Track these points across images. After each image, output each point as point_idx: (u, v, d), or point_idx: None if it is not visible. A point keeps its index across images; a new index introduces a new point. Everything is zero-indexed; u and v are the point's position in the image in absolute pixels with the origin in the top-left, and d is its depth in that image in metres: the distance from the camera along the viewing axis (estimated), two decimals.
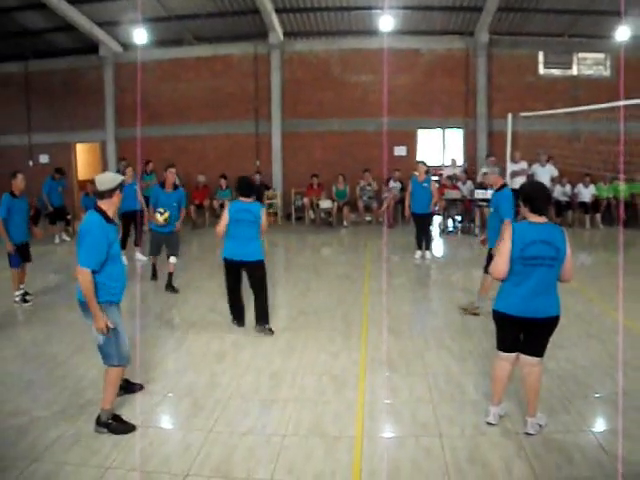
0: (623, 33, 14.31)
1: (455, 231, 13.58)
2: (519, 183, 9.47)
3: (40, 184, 12.78)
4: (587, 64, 15.77)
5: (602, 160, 10.39)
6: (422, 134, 16.36)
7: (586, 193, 13.92)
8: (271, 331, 6.38)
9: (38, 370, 5.44)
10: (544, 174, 12.79)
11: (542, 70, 15.84)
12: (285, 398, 4.78)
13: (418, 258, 10.29)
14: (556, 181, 13.57)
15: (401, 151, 16.04)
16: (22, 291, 7.75)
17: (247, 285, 6.45)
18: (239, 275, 6.43)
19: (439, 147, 16.53)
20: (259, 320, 6.40)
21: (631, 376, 4.99)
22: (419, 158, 14.78)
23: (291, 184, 15.78)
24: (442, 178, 14.41)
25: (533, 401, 4.09)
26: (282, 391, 4.94)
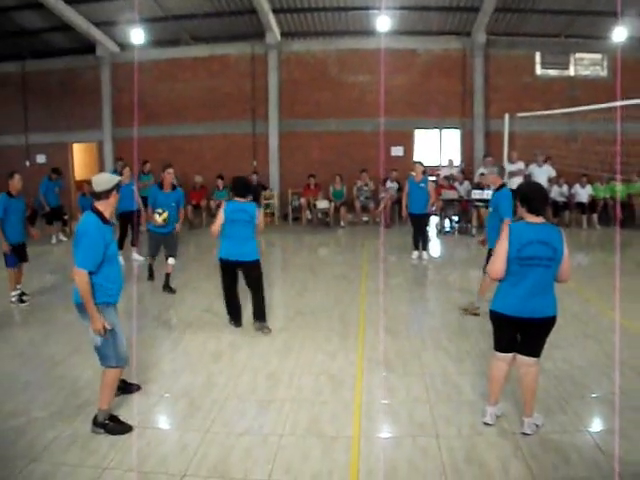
0: (620, 34, 14.34)
1: (452, 231, 13.58)
2: (516, 183, 9.52)
3: (37, 184, 12.75)
4: (584, 64, 15.80)
5: (599, 160, 10.42)
6: (419, 134, 16.36)
7: (583, 193, 13.94)
8: (268, 329, 6.41)
9: (35, 371, 5.44)
10: (541, 174, 12.84)
11: (539, 70, 15.86)
12: (282, 398, 4.78)
13: (415, 258, 10.30)
14: (553, 181, 13.61)
15: (398, 151, 16.04)
16: (19, 291, 7.75)
17: (243, 285, 6.46)
18: (235, 275, 6.44)
19: (436, 147, 16.52)
20: (258, 318, 6.47)
21: (628, 376, 5.00)
22: (416, 158, 14.72)
23: (288, 184, 15.76)
24: (439, 178, 14.38)
25: (530, 401, 4.10)
26: (279, 391, 4.94)
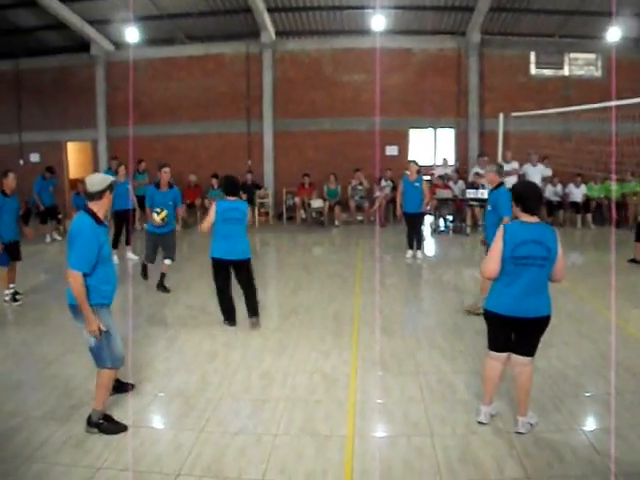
0: (614, 34, 14.37)
1: (446, 231, 13.60)
2: (510, 183, 9.52)
3: (31, 183, 12.67)
4: (578, 64, 15.85)
5: (593, 160, 10.44)
6: (414, 134, 16.37)
7: (577, 193, 13.98)
8: (259, 325, 6.53)
9: (28, 370, 5.41)
10: (535, 174, 12.85)
11: (534, 70, 15.90)
12: (276, 397, 4.78)
13: (409, 257, 10.30)
14: (547, 181, 13.64)
15: (393, 150, 16.04)
16: (12, 290, 7.71)
17: (235, 283, 6.50)
18: (228, 274, 6.48)
19: (431, 147, 16.53)
20: (254, 314, 6.56)
21: (622, 375, 5.02)
22: (411, 157, 14.70)
23: (282, 183, 15.75)
24: (434, 178, 14.41)
25: (524, 400, 4.10)
26: (273, 390, 4.93)
